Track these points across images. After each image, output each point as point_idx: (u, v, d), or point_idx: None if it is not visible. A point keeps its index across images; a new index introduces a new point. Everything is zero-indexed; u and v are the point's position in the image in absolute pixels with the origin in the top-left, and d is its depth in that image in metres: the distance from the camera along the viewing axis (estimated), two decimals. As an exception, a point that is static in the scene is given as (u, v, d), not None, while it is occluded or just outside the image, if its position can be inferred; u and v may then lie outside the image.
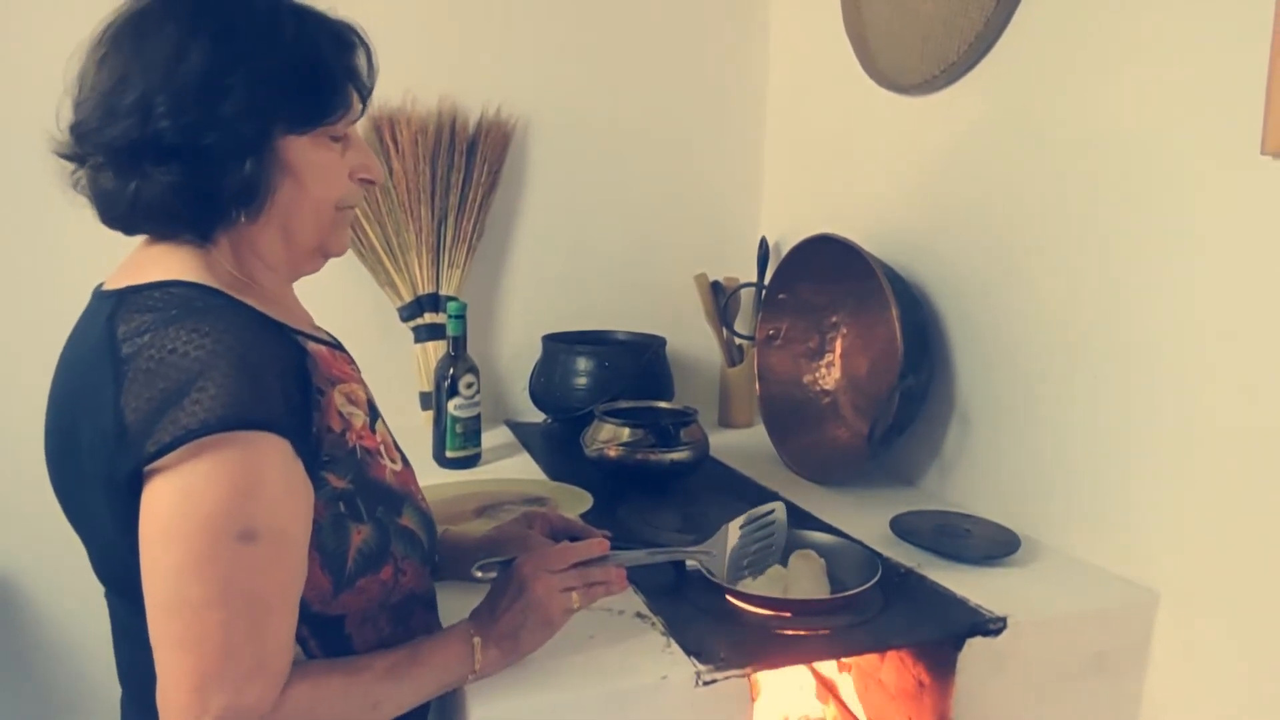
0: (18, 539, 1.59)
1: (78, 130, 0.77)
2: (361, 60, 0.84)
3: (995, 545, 1.16)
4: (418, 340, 1.74)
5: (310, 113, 0.79)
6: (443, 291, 1.74)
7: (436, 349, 1.72)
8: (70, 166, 0.79)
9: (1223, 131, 0.97)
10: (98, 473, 0.72)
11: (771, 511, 0.99)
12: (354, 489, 0.80)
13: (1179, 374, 1.04)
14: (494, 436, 1.72)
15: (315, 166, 0.81)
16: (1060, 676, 1.04)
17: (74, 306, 0.81)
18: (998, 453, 1.30)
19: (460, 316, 1.53)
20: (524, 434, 1.75)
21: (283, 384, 0.73)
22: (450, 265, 1.74)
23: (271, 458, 0.71)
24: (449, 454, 1.53)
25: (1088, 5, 1.13)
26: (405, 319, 1.74)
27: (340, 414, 0.80)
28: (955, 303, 1.37)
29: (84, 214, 0.79)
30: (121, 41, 0.75)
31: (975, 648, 0.98)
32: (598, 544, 0.91)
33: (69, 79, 0.77)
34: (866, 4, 1.52)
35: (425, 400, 1.74)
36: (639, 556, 0.95)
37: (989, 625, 0.99)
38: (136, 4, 0.77)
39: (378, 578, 0.81)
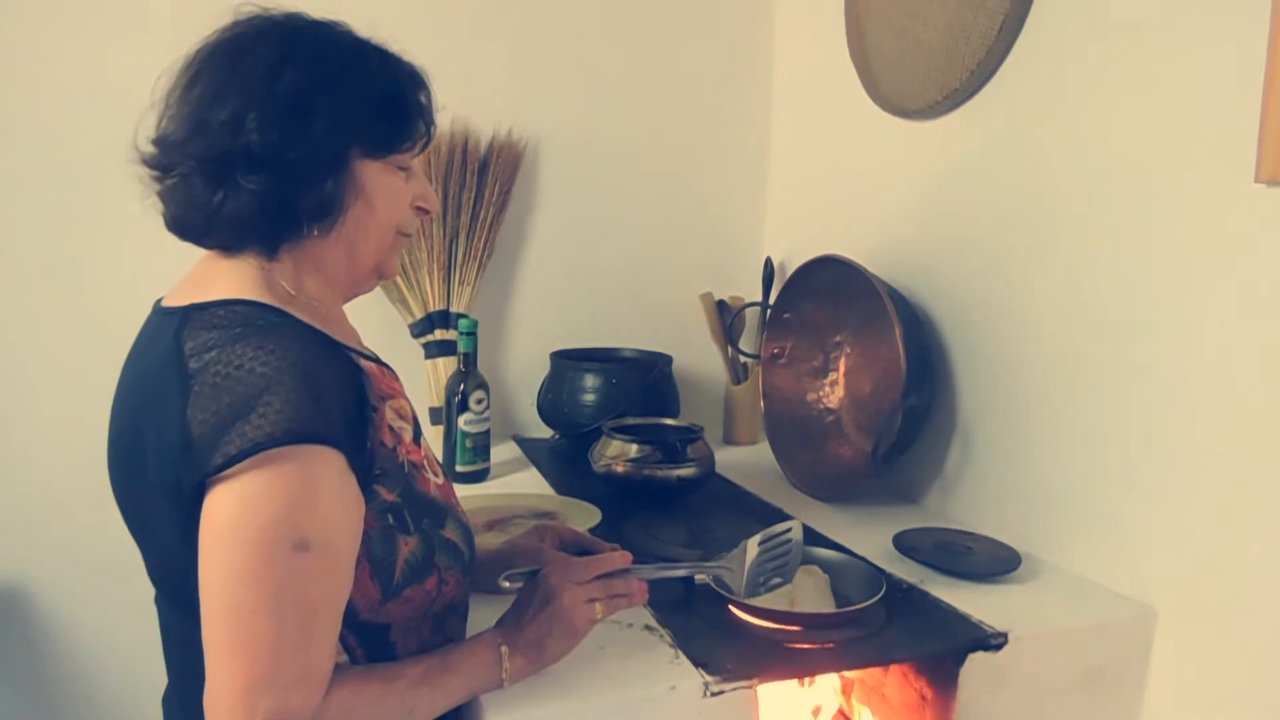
0: (29, 549, 1.61)
1: (165, 141, 0.80)
2: (426, 99, 0.89)
3: (996, 562, 1.18)
4: (428, 356, 1.77)
5: (387, 139, 0.84)
6: (453, 308, 1.76)
7: (446, 365, 1.74)
8: (148, 175, 0.82)
9: (1218, 159, 1.00)
10: (162, 482, 0.74)
11: (789, 530, 1.01)
12: (402, 502, 0.82)
13: (1177, 394, 1.06)
14: (501, 452, 1.74)
15: (384, 191, 0.85)
16: (1060, 691, 1.05)
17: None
18: (999, 471, 1.33)
19: (471, 333, 1.56)
20: (531, 449, 1.78)
21: (341, 400, 0.76)
22: (461, 283, 1.77)
23: (328, 471, 0.73)
24: (459, 468, 1.56)
25: (1087, 35, 1.17)
26: (416, 335, 1.77)
27: (391, 429, 0.83)
28: (957, 323, 1.40)
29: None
30: (215, 63, 0.80)
31: (977, 662, 1.00)
32: (621, 557, 0.94)
33: (155, 96, 0.81)
34: (871, 30, 1.55)
35: (435, 415, 1.77)
36: (661, 570, 0.97)
37: (990, 640, 1.01)
38: (229, 31, 0.81)
39: (423, 588, 0.84)
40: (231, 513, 0.71)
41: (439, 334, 1.76)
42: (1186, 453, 1.05)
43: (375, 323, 1.77)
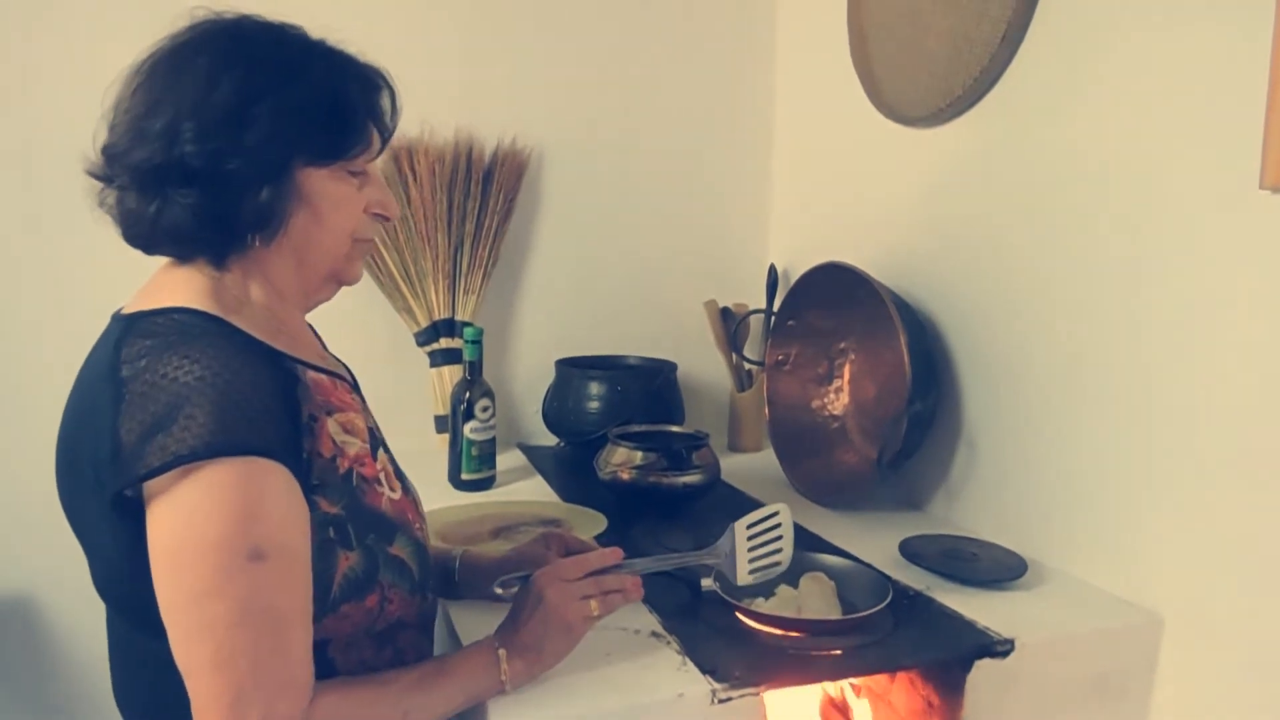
0: (37, 557, 1.61)
1: (108, 152, 0.80)
2: (385, 102, 0.87)
3: (1002, 568, 1.18)
4: (433, 365, 1.77)
5: (331, 147, 0.82)
6: (458, 317, 1.77)
7: (452, 373, 1.75)
8: (99, 186, 0.82)
9: (1223, 165, 1.00)
10: (98, 492, 0.74)
11: (776, 513, 1.01)
12: (345, 515, 0.81)
13: (1183, 399, 1.06)
14: (507, 459, 1.74)
15: (331, 199, 0.84)
16: (1068, 698, 1.05)
17: (96, 329, 0.83)
18: (1004, 477, 1.33)
19: (477, 342, 1.56)
20: (536, 457, 1.78)
21: (269, 410, 0.75)
22: (466, 291, 1.77)
23: (267, 480, 0.72)
24: (464, 476, 1.56)
25: (1090, 42, 1.17)
26: (421, 344, 1.78)
27: (333, 440, 0.81)
28: (961, 330, 1.40)
29: (111, 237, 0.83)
30: (157, 71, 0.79)
31: (983, 669, 1.00)
32: (611, 553, 0.93)
33: (106, 105, 0.80)
34: (873, 38, 1.56)
35: (441, 424, 1.77)
36: (651, 564, 0.97)
37: (997, 647, 1.01)
38: (175, 38, 0.80)
39: (362, 605, 0.82)
40: (178, 531, 0.70)
41: (444, 342, 1.77)
42: (1193, 458, 1.05)
43: (380, 331, 1.77)
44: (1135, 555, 1.12)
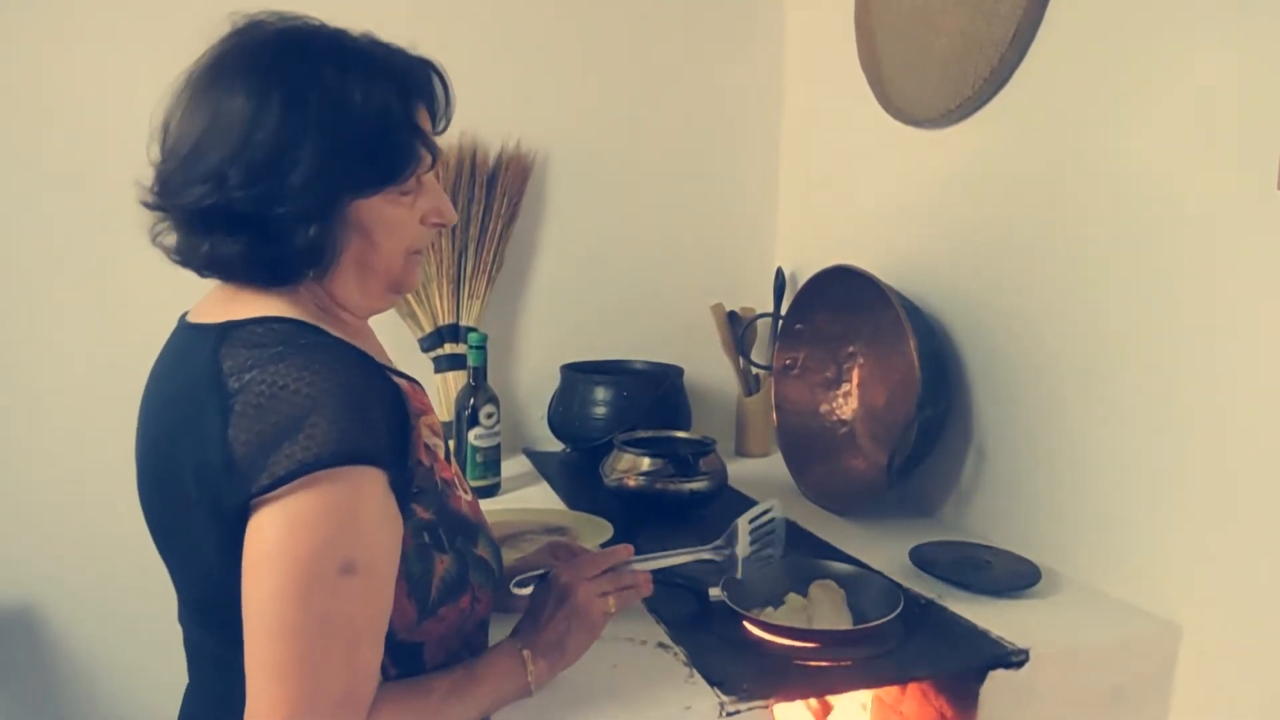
0: (41, 568, 1.60)
1: (155, 186, 0.79)
2: (439, 92, 0.85)
3: (1015, 577, 1.16)
4: (438, 370, 1.76)
5: (379, 177, 0.80)
6: (463, 322, 1.76)
7: (456, 379, 1.74)
8: (153, 217, 0.81)
9: (1239, 166, 0.98)
10: (202, 503, 0.73)
11: (770, 509, 1.04)
12: (437, 520, 0.82)
13: (1200, 405, 1.04)
14: (512, 466, 1.73)
15: (385, 222, 0.82)
16: (1084, 710, 1.03)
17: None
18: (1016, 483, 1.31)
19: (481, 347, 1.55)
20: (542, 463, 1.77)
21: (386, 419, 0.75)
22: (470, 296, 1.76)
23: (372, 491, 0.73)
24: (469, 483, 1.54)
25: (1101, 42, 1.15)
26: (426, 349, 1.76)
27: (427, 446, 0.82)
28: (972, 334, 1.38)
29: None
30: (199, 99, 0.77)
31: (997, 680, 0.98)
32: (623, 549, 0.95)
33: (153, 123, 0.79)
34: (881, 39, 1.54)
35: (445, 430, 1.76)
36: (661, 559, 0.98)
37: (1011, 658, 0.99)
38: (213, 55, 0.78)
39: (457, 606, 0.83)
40: (279, 535, 0.70)
41: (449, 348, 1.75)
42: (1210, 464, 1.03)
43: (384, 336, 1.75)
44: (1152, 563, 1.10)
